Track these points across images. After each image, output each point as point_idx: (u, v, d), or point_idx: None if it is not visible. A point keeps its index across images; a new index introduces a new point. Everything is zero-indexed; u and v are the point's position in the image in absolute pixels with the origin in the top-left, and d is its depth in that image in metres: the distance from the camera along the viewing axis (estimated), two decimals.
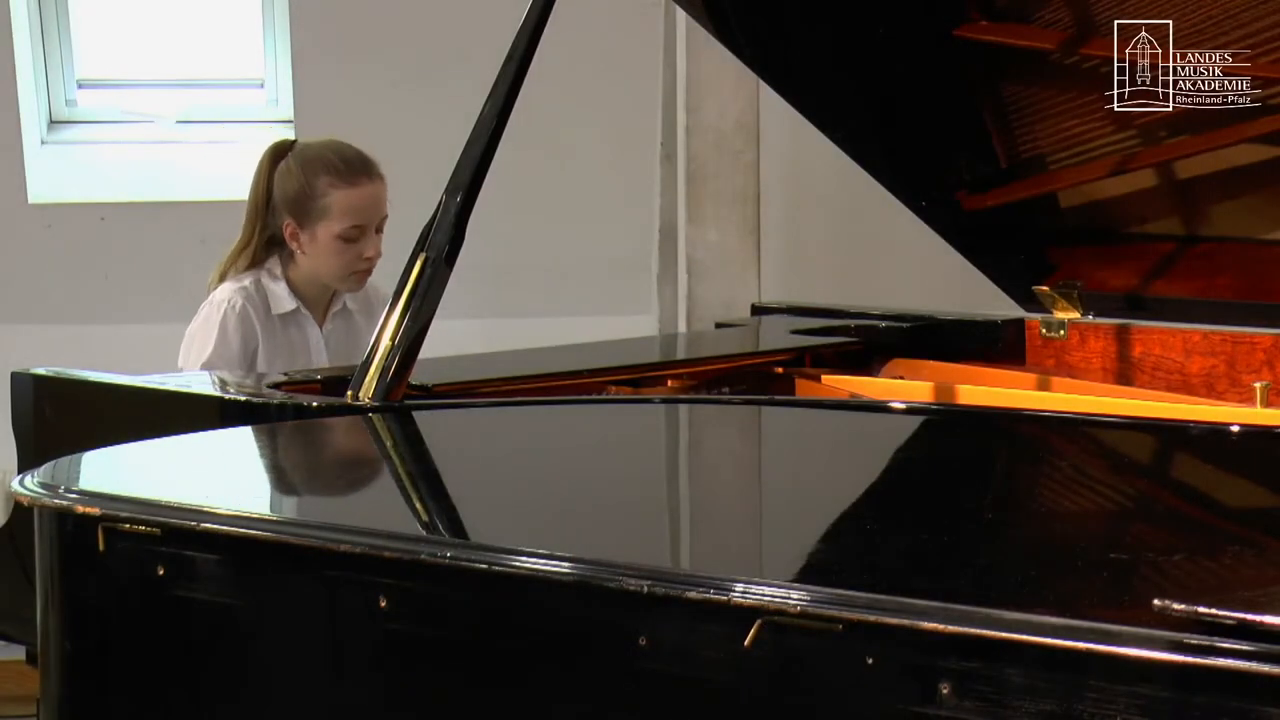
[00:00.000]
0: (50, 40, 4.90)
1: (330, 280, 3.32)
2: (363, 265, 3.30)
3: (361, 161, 3.31)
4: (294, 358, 3.32)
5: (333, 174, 3.27)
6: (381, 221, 3.31)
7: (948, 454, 2.37)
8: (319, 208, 3.26)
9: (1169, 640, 1.44)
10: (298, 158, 3.31)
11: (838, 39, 2.99)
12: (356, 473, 2.39)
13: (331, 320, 3.38)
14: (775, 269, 4.64)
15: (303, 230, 3.27)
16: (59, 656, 2.09)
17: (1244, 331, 2.85)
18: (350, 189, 3.27)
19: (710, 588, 1.64)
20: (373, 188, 3.29)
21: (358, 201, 3.27)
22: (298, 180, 3.28)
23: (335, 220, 3.26)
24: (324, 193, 3.26)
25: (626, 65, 4.79)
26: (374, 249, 3.29)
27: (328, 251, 3.28)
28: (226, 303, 3.28)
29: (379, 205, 3.30)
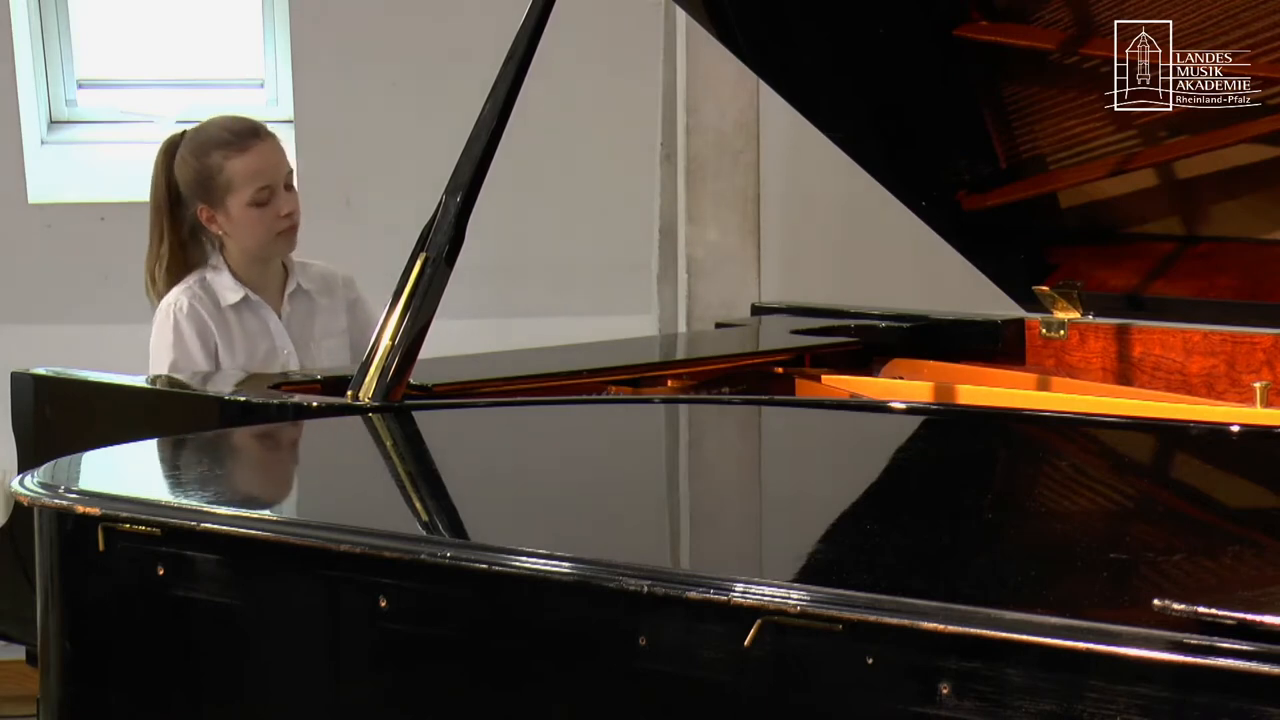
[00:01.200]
0: (50, 40, 4.90)
1: (259, 249, 3.32)
2: (283, 224, 3.30)
3: (248, 127, 3.32)
4: (256, 346, 3.31)
5: (224, 147, 3.28)
6: (288, 177, 3.32)
7: (948, 454, 2.37)
8: (221, 183, 3.27)
9: (1169, 640, 1.44)
10: (188, 145, 3.33)
11: (838, 39, 2.99)
12: (356, 473, 2.39)
13: (289, 302, 3.37)
14: (775, 269, 4.64)
15: (216, 210, 3.29)
16: (59, 656, 2.09)
17: (1244, 331, 2.85)
18: (244, 155, 3.27)
19: (710, 588, 1.64)
20: (266, 147, 3.30)
21: (255, 165, 3.27)
22: (193, 165, 3.30)
23: (241, 189, 3.27)
24: (220, 167, 3.27)
25: (626, 65, 4.79)
26: (289, 205, 3.30)
27: (245, 222, 3.28)
28: (174, 305, 3.29)
29: (279, 162, 3.31)
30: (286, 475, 2.39)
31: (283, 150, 3.33)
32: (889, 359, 3.18)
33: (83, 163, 4.96)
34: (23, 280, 4.79)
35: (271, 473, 2.38)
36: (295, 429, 2.52)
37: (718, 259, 4.45)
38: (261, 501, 2.20)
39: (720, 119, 4.41)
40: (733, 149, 4.42)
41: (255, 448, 2.45)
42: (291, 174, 3.34)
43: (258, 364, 3.27)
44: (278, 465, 2.42)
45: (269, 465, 2.41)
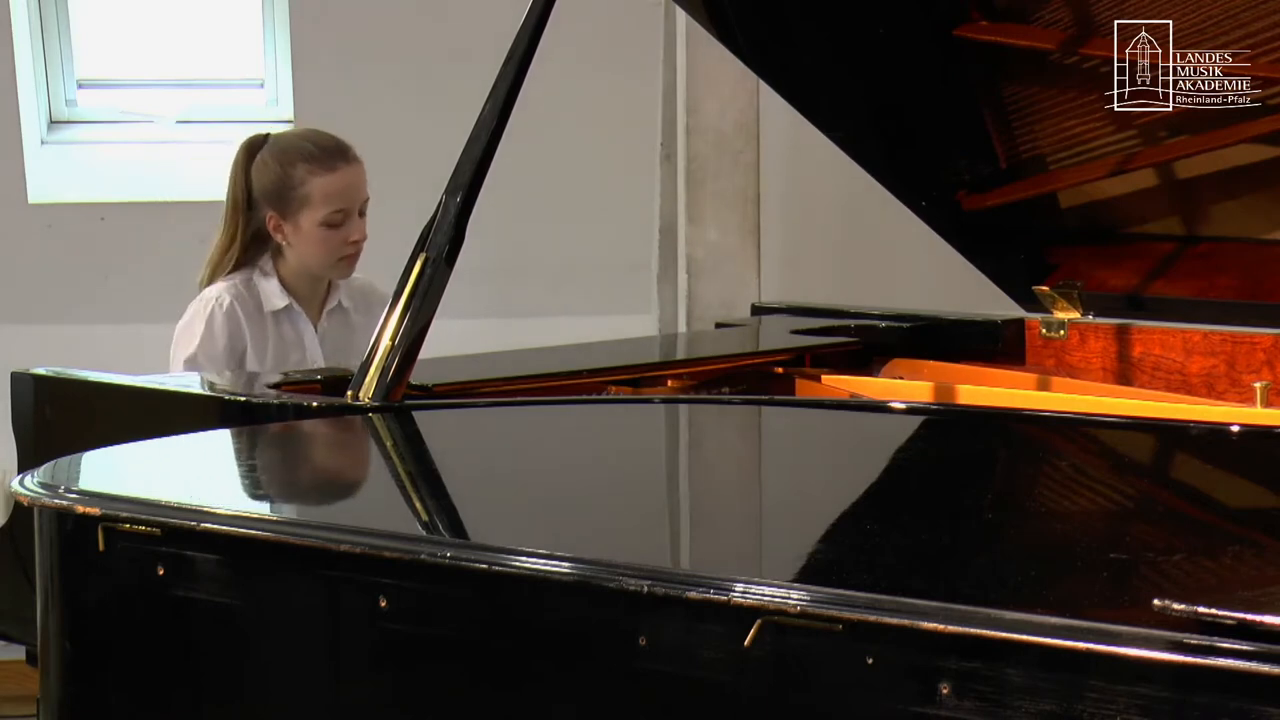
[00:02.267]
0: (50, 40, 4.90)
1: (319, 268, 3.32)
2: (349, 250, 3.30)
3: (337, 147, 3.31)
4: (287, 355, 3.32)
5: (310, 161, 3.27)
6: (363, 204, 3.31)
7: (948, 454, 2.37)
8: (299, 196, 3.26)
9: (1169, 640, 1.44)
10: (272, 150, 3.31)
11: (838, 39, 2.99)
12: (356, 473, 2.39)
13: (327, 318, 3.38)
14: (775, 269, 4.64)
15: (286, 221, 3.28)
16: (59, 656, 2.09)
17: (1244, 331, 2.85)
18: (329, 174, 3.27)
19: (710, 588, 1.64)
20: (351, 171, 3.29)
21: (337, 186, 3.27)
22: (274, 172, 3.29)
23: (317, 207, 3.26)
24: (302, 180, 3.26)
25: (626, 65, 4.79)
26: (359, 232, 3.30)
27: (312, 239, 3.28)
28: (215, 300, 3.29)
29: (359, 188, 3.30)
30: (286, 475, 2.38)
31: (364, 177, 3.32)
32: (889, 359, 3.18)
33: (83, 163, 4.96)
34: (23, 280, 4.79)
35: (271, 473, 2.38)
36: (295, 429, 2.52)
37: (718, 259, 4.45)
38: (261, 501, 2.20)
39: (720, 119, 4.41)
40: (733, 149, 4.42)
41: (255, 448, 2.45)
42: (366, 202, 3.32)
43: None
44: (278, 465, 2.42)
45: (269, 465, 2.41)
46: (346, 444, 2.47)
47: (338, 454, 2.47)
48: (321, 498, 2.28)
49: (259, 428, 2.51)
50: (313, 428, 2.51)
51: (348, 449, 2.47)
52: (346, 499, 2.25)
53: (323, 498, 2.28)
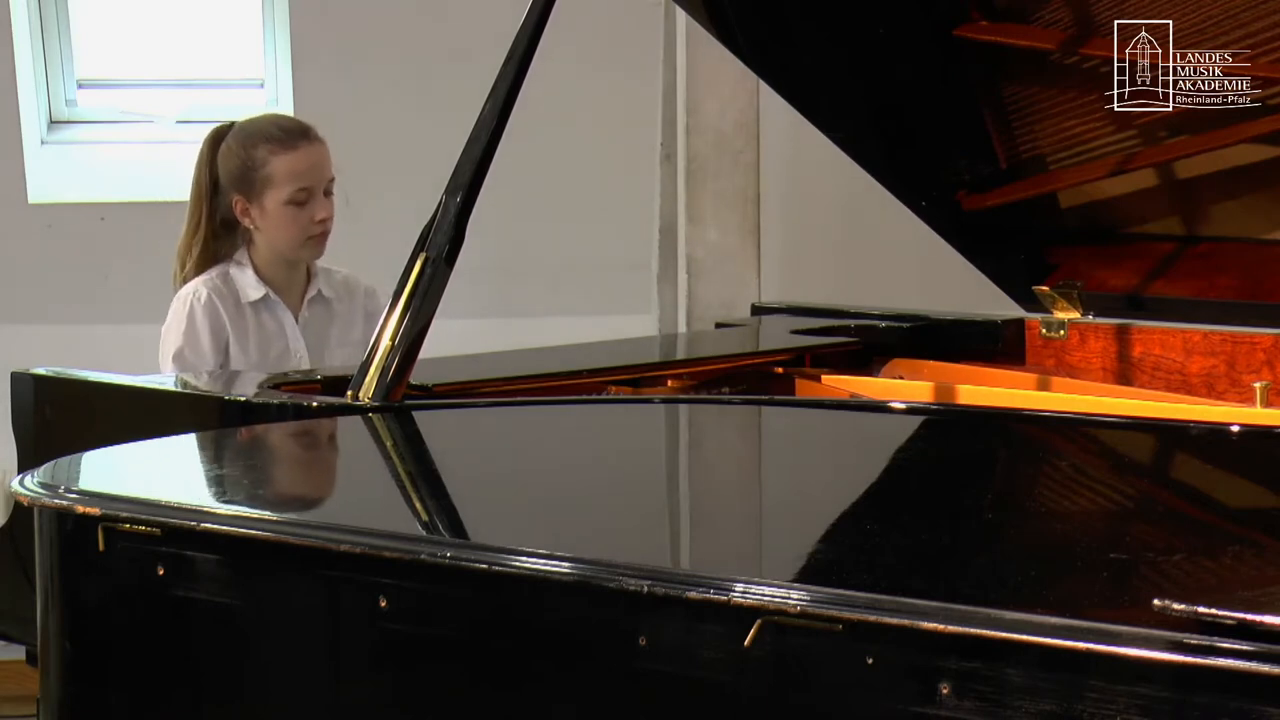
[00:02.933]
0: (50, 40, 4.90)
1: (288, 250, 3.32)
2: (316, 229, 3.30)
3: (298, 127, 3.33)
4: (269, 345, 3.32)
5: (271, 142, 3.29)
6: (328, 184, 3.32)
7: (948, 454, 2.37)
8: (262, 177, 3.27)
9: (1169, 640, 1.44)
10: (235, 135, 3.33)
11: (837, 39, 2.99)
12: (356, 473, 2.39)
13: (308, 307, 3.37)
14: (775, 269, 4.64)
15: (251, 204, 3.29)
16: (59, 656, 2.09)
17: (1244, 331, 2.85)
18: (290, 153, 3.28)
19: (710, 588, 1.64)
20: (313, 150, 3.31)
21: (299, 164, 3.28)
22: (238, 156, 3.30)
23: (281, 186, 3.27)
24: (265, 161, 3.27)
25: (626, 65, 4.79)
26: (324, 210, 3.30)
27: (279, 220, 3.29)
28: (193, 295, 3.30)
29: (322, 167, 3.31)
30: (287, 475, 2.39)
31: (328, 156, 3.34)
32: (889, 359, 3.18)
33: (83, 163, 4.96)
34: (23, 280, 4.79)
35: (271, 473, 2.38)
36: (295, 429, 2.52)
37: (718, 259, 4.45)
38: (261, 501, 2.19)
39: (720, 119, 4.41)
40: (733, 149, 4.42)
41: (255, 448, 2.45)
42: (332, 181, 3.33)
43: (270, 364, 3.28)
44: (278, 465, 2.42)
45: (269, 465, 2.41)
46: (346, 444, 2.47)
47: (338, 454, 2.47)
48: (321, 498, 2.28)
49: (259, 428, 2.51)
50: (313, 428, 2.51)
51: (348, 449, 2.47)
52: (346, 499, 2.25)
53: (323, 498, 2.28)
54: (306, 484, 2.33)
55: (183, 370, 3.22)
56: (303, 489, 2.30)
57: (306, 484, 2.33)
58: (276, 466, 2.41)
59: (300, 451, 2.47)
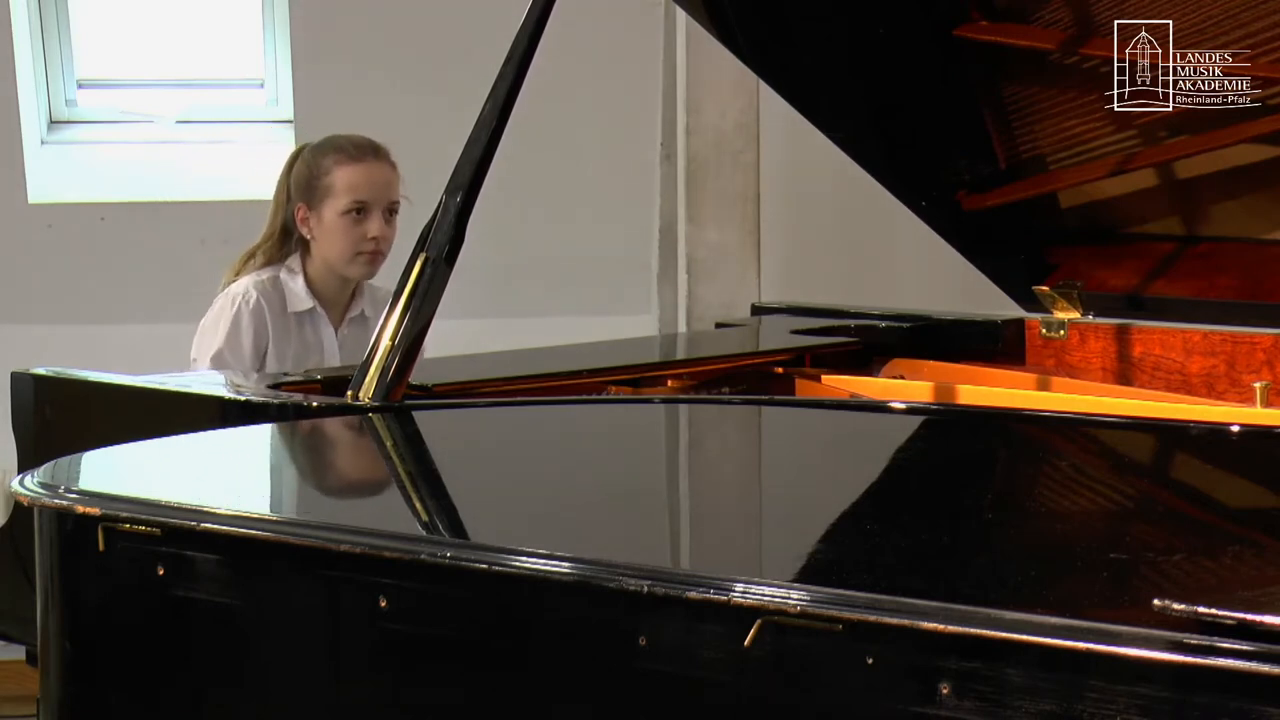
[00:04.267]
0: (50, 40, 4.90)
1: (338, 263, 3.32)
2: (368, 245, 3.31)
3: (370, 145, 3.35)
4: (307, 357, 3.33)
5: (339, 153, 3.32)
6: (392, 205, 3.33)
7: (948, 454, 2.37)
8: (324, 185, 3.30)
9: (1169, 640, 1.44)
10: (311, 147, 3.38)
11: (837, 39, 2.99)
12: (356, 473, 2.39)
13: (349, 325, 3.39)
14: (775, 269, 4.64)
15: (311, 212, 3.32)
16: (59, 656, 2.09)
17: (1244, 331, 2.85)
18: (354, 165, 3.31)
19: (710, 588, 1.64)
20: (378, 166, 3.33)
21: (360, 177, 3.30)
22: (308, 164, 3.34)
23: (339, 196, 3.30)
24: (329, 170, 3.31)
25: (626, 65, 4.79)
26: (378, 229, 3.31)
27: (333, 231, 3.30)
28: (241, 296, 3.30)
29: (386, 186, 3.33)
30: (286, 475, 2.39)
31: (396, 179, 3.35)
32: (889, 359, 3.18)
33: (83, 163, 4.96)
34: (23, 280, 4.79)
35: (271, 472, 2.38)
36: (295, 429, 2.52)
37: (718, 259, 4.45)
38: (261, 501, 2.20)
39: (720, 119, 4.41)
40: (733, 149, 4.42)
41: (255, 448, 2.45)
42: (396, 204, 3.34)
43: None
44: (278, 465, 2.42)
45: (269, 465, 2.41)
46: (346, 444, 2.47)
47: (337, 454, 2.47)
48: (321, 498, 2.28)
49: (259, 428, 2.51)
50: (313, 428, 2.51)
51: (347, 449, 2.47)
52: (346, 499, 2.25)
53: (323, 498, 2.28)
54: (306, 484, 2.33)
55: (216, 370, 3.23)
56: (303, 489, 2.30)
57: (306, 484, 2.33)
58: (276, 466, 2.41)
59: (300, 451, 2.47)
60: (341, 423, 2.49)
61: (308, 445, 2.48)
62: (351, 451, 2.47)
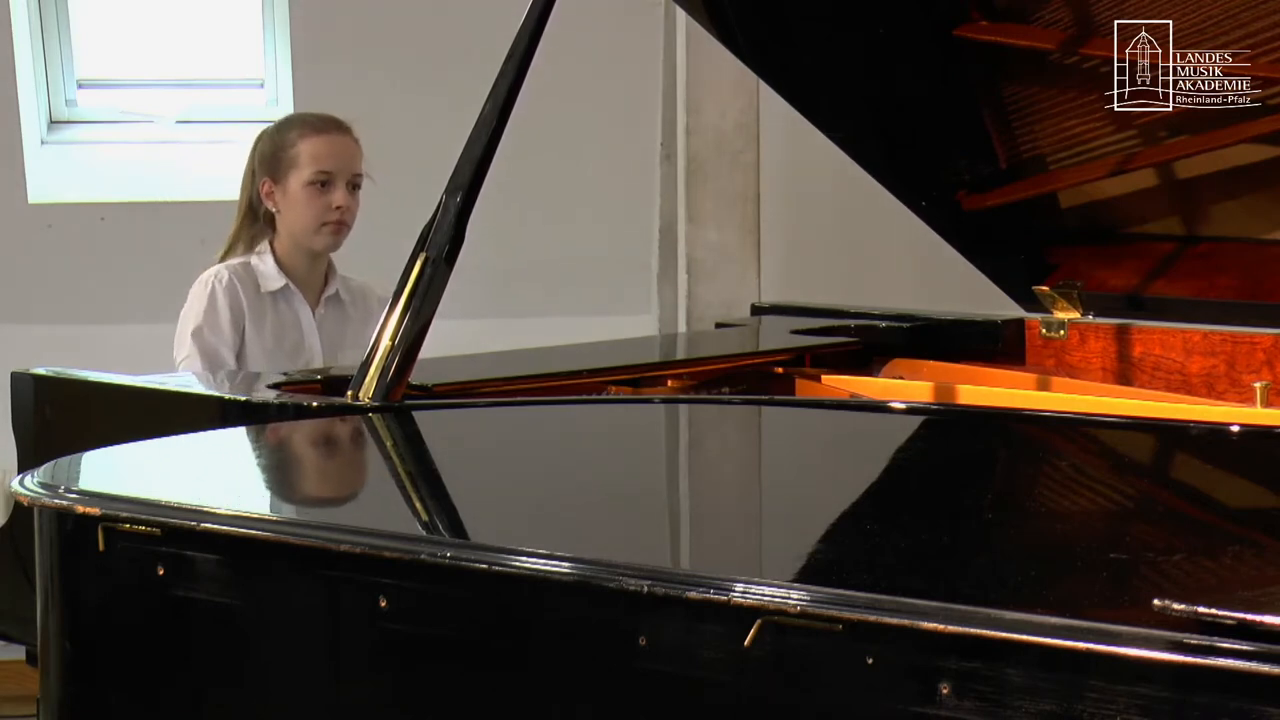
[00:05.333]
0: (50, 40, 4.90)
1: (304, 235, 3.36)
2: (333, 215, 3.34)
3: (334, 120, 3.39)
4: (284, 335, 3.36)
5: (303, 126, 3.37)
6: (354, 178, 3.37)
7: (948, 454, 2.37)
8: (288, 158, 3.34)
9: (1169, 640, 1.44)
10: (274, 125, 3.43)
11: (837, 39, 2.99)
12: (356, 473, 2.39)
13: (325, 305, 3.42)
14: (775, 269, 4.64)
15: (276, 185, 3.36)
16: (59, 656, 2.09)
17: (1244, 331, 2.85)
18: (317, 136, 3.34)
19: (710, 588, 1.64)
20: (341, 138, 3.37)
21: (324, 148, 3.34)
22: (271, 140, 3.39)
23: (303, 167, 3.33)
24: (293, 143, 3.35)
25: (626, 65, 4.79)
26: (343, 199, 3.34)
27: (298, 201, 3.34)
28: (214, 277, 3.36)
29: (349, 157, 3.36)
30: (286, 475, 2.38)
31: (358, 152, 3.39)
32: (889, 359, 3.18)
33: (83, 163, 4.96)
34: (23, 280, 4.79)
35: (271, 472, 2.38)
36: (295, 429, 2.52)
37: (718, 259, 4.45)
38: (261, 501, 2.20)
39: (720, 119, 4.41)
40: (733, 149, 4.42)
41: (255, 448, 2.45)
42: (359, 178, 3.38)
43: (284, 354, 3.32)
44: (277, 465, 2.42)
45: (269, 465, 2.41)
46: (346, 444, 2.47)
47: (338, 454, 2.48)
48: (321, 498, 2.28)
49: (258, 428, 2.51)
50: (313, 428, 2.51)
51: (348, 449, 2.47)
52: (346, 499, 2.25)
53: (323, 498, 2.28)
54: (306, 484, 2.33)
55: (202, 349, 3.26)
56: (303, 489, 2.30)
57: (306, 484, 2.33)
58: (276, 466, 2.41)
59: (300, 451, 2.47)
60: (341, 423, 2.49)
61: (307, 445, 2.48)
62: (351, 451, 2.47)
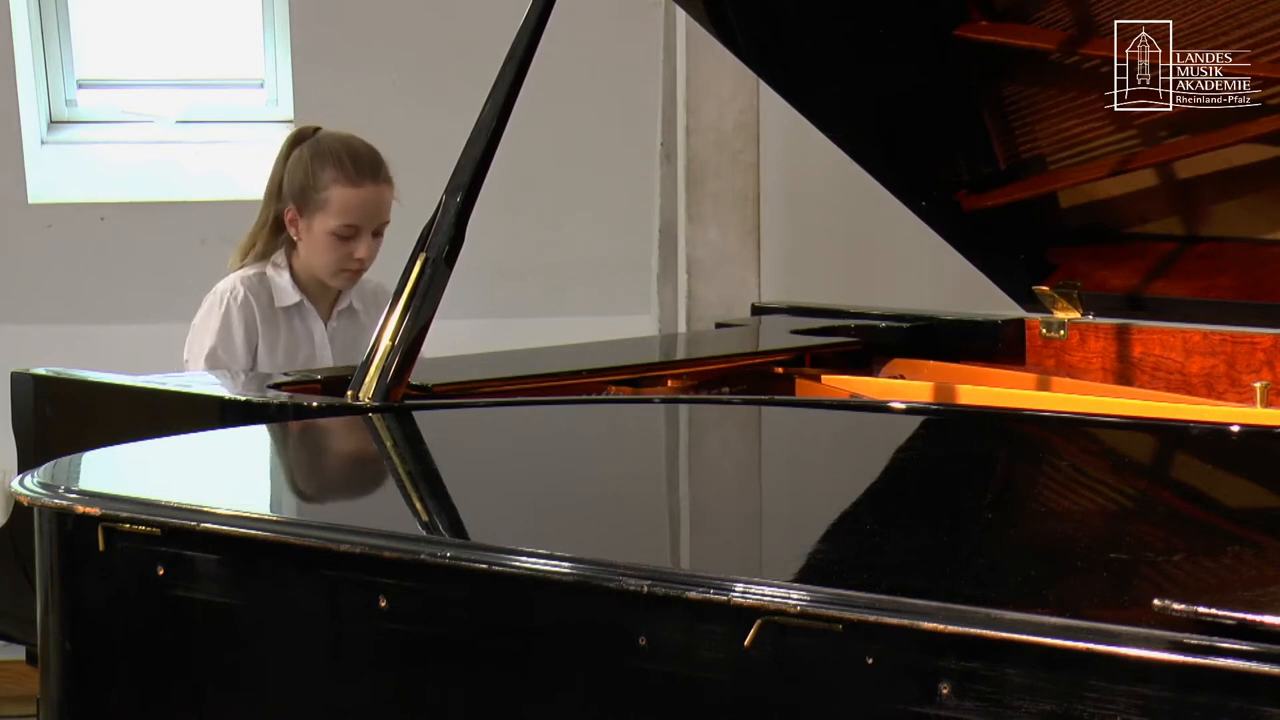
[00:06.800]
0: (50, 40, 4.90)
1: (320, 273, 3.32)
2: (352, 265, 3.29)
3: (371, 163, 3.30)
4: (296, 351, 3.32)
5: (338, 169, 3.27)
6: (381, 226, 3.31)
7: (948, 454, 2.37)
8: (318, 200, 3.27)
9: (1169, 640, 1.44)
10: (311, 146, 3.32)
11: (838, 39, 2.99)
12: (356, 473, 2.39)
13: (337, 317, 3.38)
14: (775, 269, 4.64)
15: (301, 218, 3.29)
16: (59, 656, 2.09)
17: (1244, 331, 2.85)
18: (350, 188, 3.26)
19: (710, 588, 1.64)
20: (375, 191, 3.29)
21: (355, 201, 3.27)
22: (305, 169, 3.29)
23: (331, 215, 3.26)
24: (325, 186, 3.26)
25: (626, 65, 4.79)
26: (366, 250, 3.29)
27: (320, 245, 3.28)
28: (229, 292, 3.30)
29: (379, 209, 3.29)
30: (287, 475, 2.39)
31: (389, 197, 3.31)
32: (889, 359, 3.18)
33: (83, 163, 4.96)
34: (23, 280, 4.79)
35: (271, 472, 2.38)
36: (295, 429, 2.52)
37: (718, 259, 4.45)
38: (261, 501, 2.20)
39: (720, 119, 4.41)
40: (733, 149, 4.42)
41: (255, 448, 2.45)
42: (385, 224, 3.31)
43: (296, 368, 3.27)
44: (278, 465, 2.42)
45: (269, 465, 2.41)
46: (346, 444, 2.47)
47: (338, 454, 2.48)
48: (321, 498, 2.28)
49: (259, 428, 2.51)
50: (313, 428, 2.51)
51: (348, 449, 2.47)
52: (346, 499, 2.25)
53: (323, 498, 2.28)
54: (306, 484, 2.33)
55: (214, 370, 3.23)
56: (303, 489, 2.30)
57: (306, 484, 2.33)
58: (277, 466, 2.41)
59: (300, 451, 2.47)
60: (341, 423, 2.49)
61: (307, 445, 2.48)
62: (351, 451, 2.47)
